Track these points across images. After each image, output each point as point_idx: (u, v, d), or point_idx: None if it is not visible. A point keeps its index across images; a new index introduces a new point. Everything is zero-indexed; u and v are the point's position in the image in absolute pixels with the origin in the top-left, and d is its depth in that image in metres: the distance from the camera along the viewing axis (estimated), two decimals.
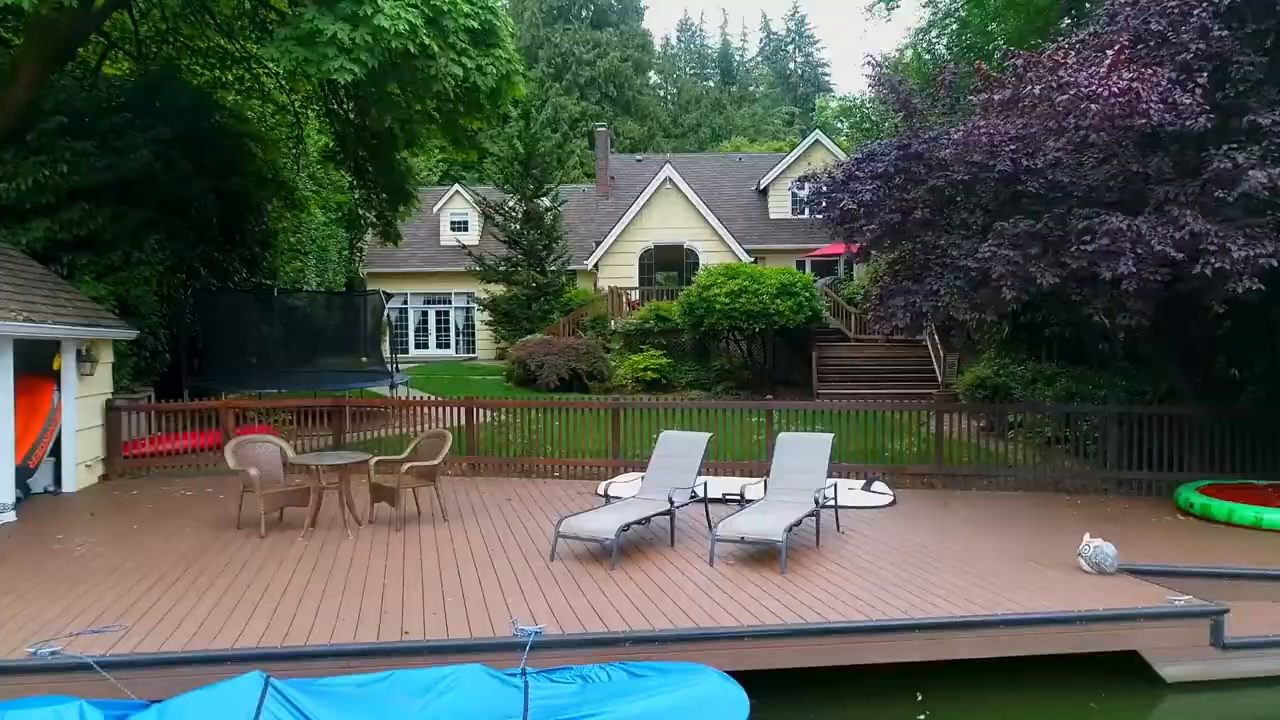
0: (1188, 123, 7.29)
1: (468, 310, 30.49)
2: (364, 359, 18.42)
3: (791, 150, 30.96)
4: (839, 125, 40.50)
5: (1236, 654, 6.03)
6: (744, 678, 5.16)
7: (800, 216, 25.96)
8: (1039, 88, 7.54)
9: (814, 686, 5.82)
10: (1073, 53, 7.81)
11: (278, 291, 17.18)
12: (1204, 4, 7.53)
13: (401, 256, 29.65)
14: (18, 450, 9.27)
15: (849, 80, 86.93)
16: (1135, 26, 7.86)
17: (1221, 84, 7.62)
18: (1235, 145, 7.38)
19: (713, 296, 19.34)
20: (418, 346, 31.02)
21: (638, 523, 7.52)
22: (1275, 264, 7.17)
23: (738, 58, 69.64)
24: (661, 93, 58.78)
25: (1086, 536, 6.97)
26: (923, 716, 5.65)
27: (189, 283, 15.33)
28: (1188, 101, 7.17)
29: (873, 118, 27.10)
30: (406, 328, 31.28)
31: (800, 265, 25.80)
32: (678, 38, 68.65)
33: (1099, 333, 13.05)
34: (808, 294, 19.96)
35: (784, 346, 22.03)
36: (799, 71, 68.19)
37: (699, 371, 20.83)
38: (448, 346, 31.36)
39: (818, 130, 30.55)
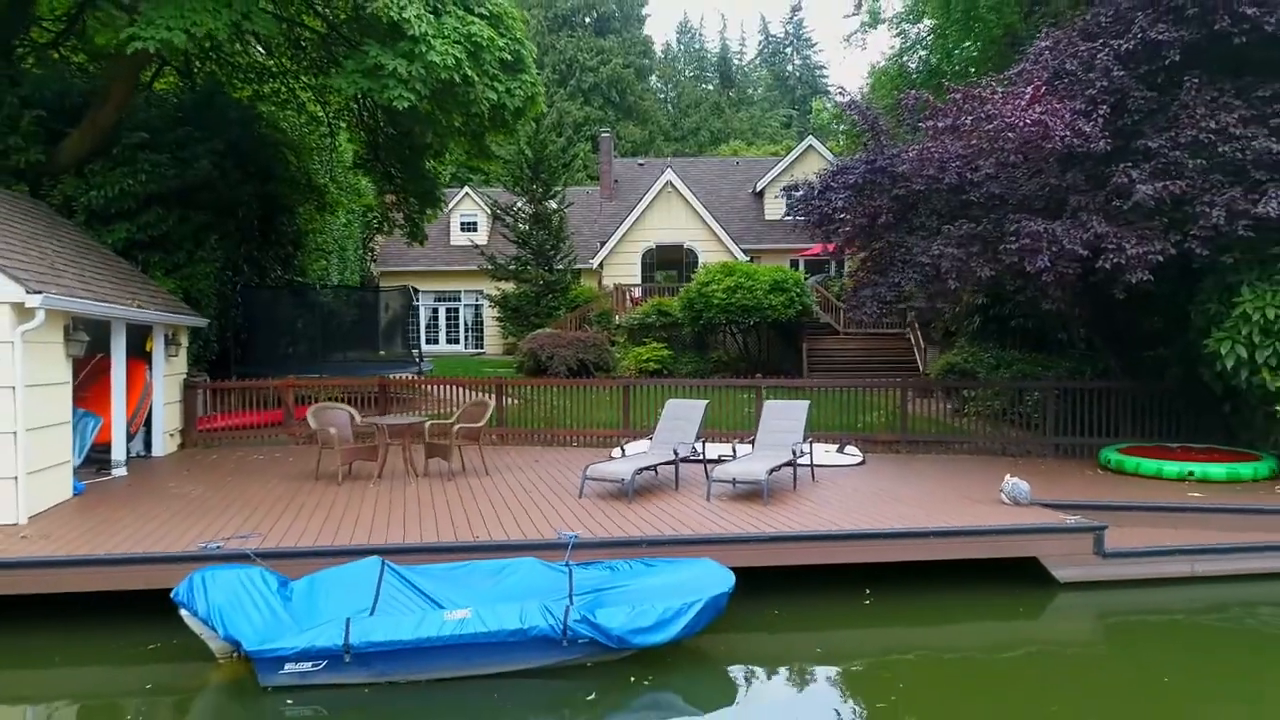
0: (1092, 145, 9.04)
1: (476, 307, 32.13)
2: (393, 349, 20.15)
3: (787, 154, 32.68)
4: (835, 127, 42.16)
5: (1114, 561, 7.79)
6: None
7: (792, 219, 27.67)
8: (970, 118, 9.31)
9: (785, 583, 7.58)
10: (1000, 88, 9.57)
11: (320, 287, 18.86)
12: (1106, 50, 9.28)
13: (413, 255, 31.34)
14: None
15: (847, 82, 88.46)
16: (1054, 66, 9.61)
17: (1121, 114, 9.38)
18: (1131, 164, 9.14)
19: (710, 292, 21.07)
20: (428, 342, 32.67)
21: (649, 469, 9.27)
22: (1161, 260, 8.92)
23: (736, 61, 71.37)
24: (661, 96, 60.53)
25: (1008, 476, 8.72)
26: (868, 601, 7.41)
27: (235, 279, 17.04)
28: (1090, 129, 8.92)
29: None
30: (418, 324, 32.95)
31: (794, 264, 27.51)
32: (677, 40, 70.42)
33: (1058, 324, 14.82)
34: (798, 290, 21.69)
35: (777, 339, 23.75)
36: (797, 74, 69.89)
37: (698, 362, 22.54)
38: (457, 342, 33.00)
39: (811, 136, 32.26)
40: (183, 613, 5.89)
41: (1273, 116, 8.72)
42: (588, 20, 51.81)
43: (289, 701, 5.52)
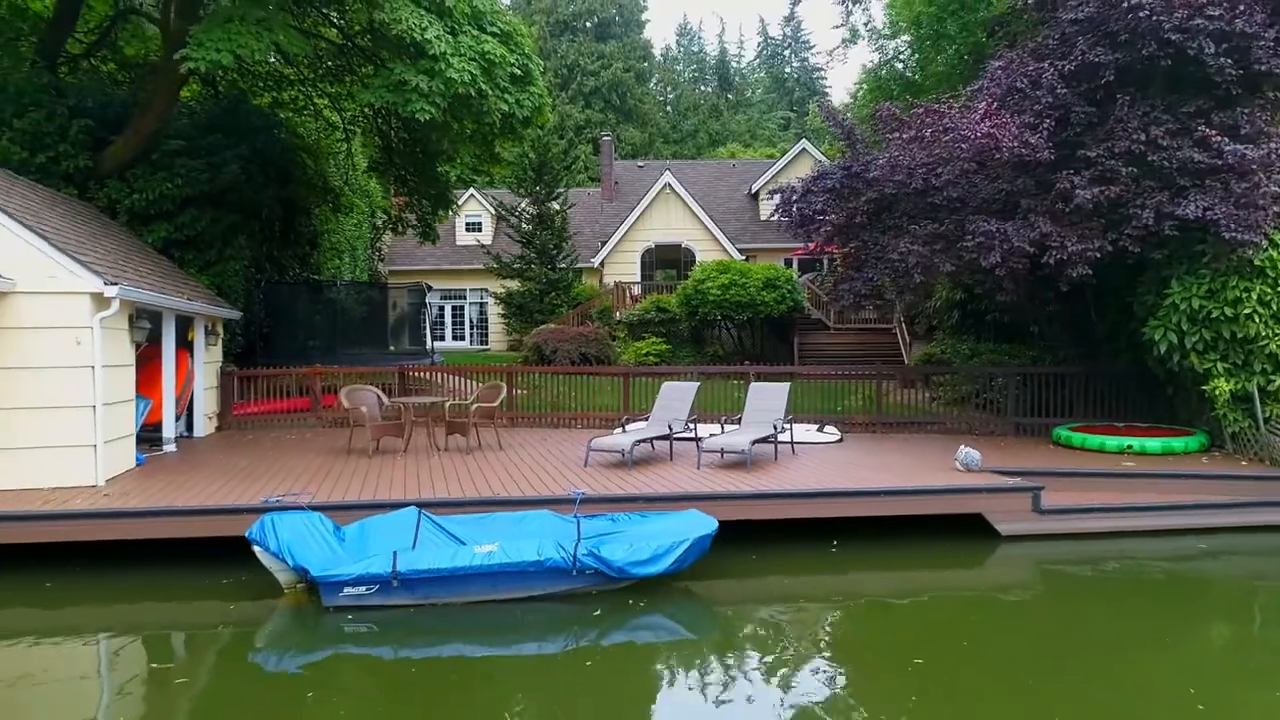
0: (1039, 154, 10.22)
1: (481, 305, 33.27)
2: (408, 342, 21.35)
3: (782, 157, 33.86)
4: (830, 129, 43.34)
5: (1049, 517, 8.98)
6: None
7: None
8: (930, 130, 10.48)
9: (762, 535, 8.76)
10: (958, 103, 10.75)
11: (339, 284, 20.04)
12: (1052, 70, 10.46)
13: (420, 255, 32.50)
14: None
15: (843, 84, 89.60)
16: (1007, 84, 10.77)
17: (1064, 126, 10.55)
18: (1073, 171, 10.32)
19: (706, 289, 22.26)
20: (435, 338, 33.82)
21: (646, 441, 10.45)
22: (1099, 256, 10.10)
23: (734, 64, 72.52)
24: (661, 99, 61.71)
25: (962, 446, 9.90)
26: (834, 550, 8.60)
27: (258, 276, 18.21)
28: (1036, 140, 10.10)
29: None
30: (430, 318, 34.09)
31: (787, 262, 28.66)
32: (676, 42, 71.58)
33: (1029, 318, 15.98)
34: (789, 287, 22.88)
35: (770, 334, 24.94)
36: (795, 76, 71.00)
37: (694, 356, 23.71)
38: (463, 339, 34.13)
39: (805, 139, 33.44)
40: (256, 549, 7.06)
41: (1195, 129, 9.89)
42: (589, 25, 53.02)
43: (348, 618, 6.71)
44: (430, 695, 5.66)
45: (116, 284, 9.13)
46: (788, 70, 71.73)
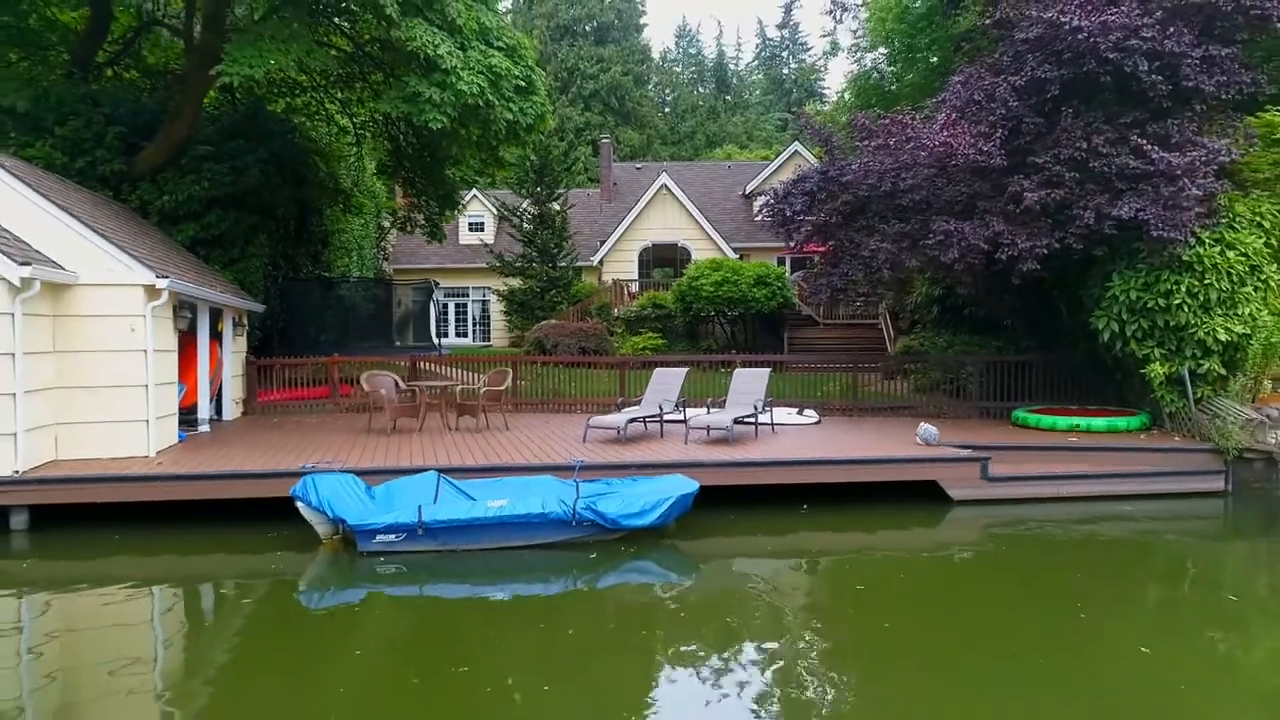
0: (993, 161, 11.33)
1: (484, 303, 34.36)
2: (416, 336, 22.48)
3: (775, 158, 34.97)
4: (810, 136, 44.42)
5: (997, 484, 10.11)
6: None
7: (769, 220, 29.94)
8: (894, 140, 11.61)
9: (740, 500, 9.88)
10: (920, 115, 11.86)
11: (352, 280, 21.16)
12: (1005, 84, 11.58)
13: (424, 254, 33.59)
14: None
15: (838, 85, 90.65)
16: (965, 96, 11.90)
17: (1016, 135, 11.67)
18: (1023, 175, 11.44)
19: (700, 286, 23.38)
20: (438, 334, 34.94)
21: (638, 420, 11.58)
22: (1046, 252, 11.22)
23: (732, 66, 73.62)
24: (658, 100, 62.82)
25: (922, 423, 11.02)
26: (804, 511, 9.73)
27: (275, 273, 19.30)
28: (990, 148, 11.22)
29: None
30: (437, 313, 35.17)
31: (780, 261, 29.78)
32: (676, 44, 72.68)
33: (1003, 312, 17.08)
34: (780, 284, 24.00)
35: (762, 329, 26.04)
36: (792, 77, 72.06)
37: (689, 350, 24.75)
38: (465, 335, 35.20)
39: (797, 142, 34.53)
40: (299, 504, 8.19)
41: (1131, 139, 10.99)
42: (588, 29, 54.14)
43: (381, 560, 7.84)
44: (453, 625, 6.80)
45: (166, 277, 10.25)
46: (785, 71, 72.78)
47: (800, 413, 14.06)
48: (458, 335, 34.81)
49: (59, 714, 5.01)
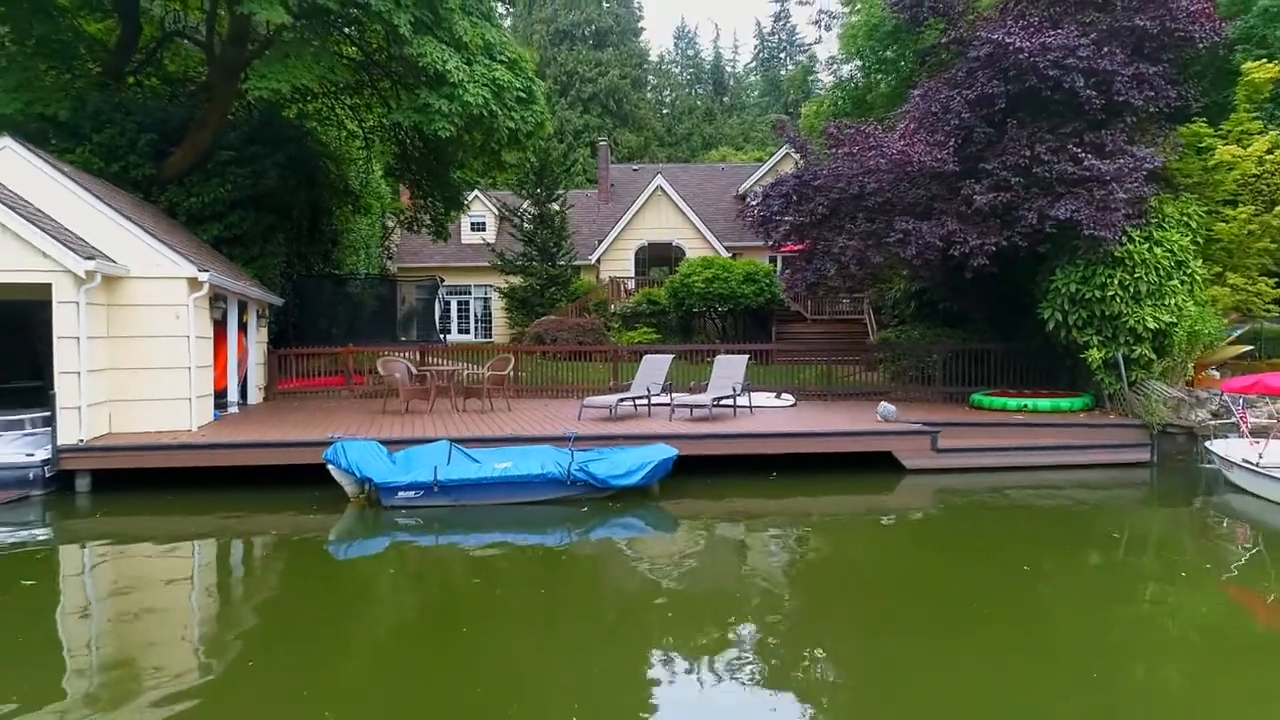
0: (947, 166, 12.59)
1: (485, 300, 35.58)
2: (421, 330, 23.74)
3: (768, 159, 36.21)
4: (786, 143, 45.62)
5: (945, 455, 11.37)
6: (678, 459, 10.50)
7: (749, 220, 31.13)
8: (858, 148, 12.88)
9: (716, 469, 11.15)
10: (882, 125, 13.12)
11: (359, 277, 22.41)
12: (959, 98, 12.84)
13: (427, 253, 34.79)
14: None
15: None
16: (924, 108, 13.16)
17: (968, 144, 12.94)
18: (974, 180, 12.70)
19: (692, 283, 24.63)
20: (441, 331, 36.14)
21: (628, 400, 12.84)
22: (995, 249, 12.48)
23: (730, 68, 74.87)
24: (655, 101, 64.08)
25: (881, 403, 12.28)
26: (773, 477, 10.99)
27: (290, 270, 20.53)
28: (945, 155, 12.47)
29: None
30: (442, 308, 36.27)
31: (771, 260, 31.00)
32: (674, 45, 73.93)
33: (975, 307, 18.31)
34: (767, 280, 25.24)
35: (752, 324, 27.25)
36: (789, 78, 73.23)
37: (682, 344, 26.03)
38: (467, 332, 36.37)
39: (788, 143, 35.73)
40: (330, 467, 9.46)
41: (1069, 148, 12.24)
42: (587, 34, 55.42)
43: (402, 513, 9.11)
44: (466, 568, 8.05)
45: (206, 271, 11.51)
46: (783, 73, 73.97)
47: (778, 396, 15.32)
48: (460, 332, 35.99)
49: (165, 617, 6.28)
